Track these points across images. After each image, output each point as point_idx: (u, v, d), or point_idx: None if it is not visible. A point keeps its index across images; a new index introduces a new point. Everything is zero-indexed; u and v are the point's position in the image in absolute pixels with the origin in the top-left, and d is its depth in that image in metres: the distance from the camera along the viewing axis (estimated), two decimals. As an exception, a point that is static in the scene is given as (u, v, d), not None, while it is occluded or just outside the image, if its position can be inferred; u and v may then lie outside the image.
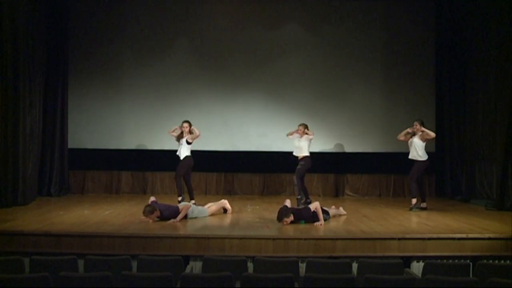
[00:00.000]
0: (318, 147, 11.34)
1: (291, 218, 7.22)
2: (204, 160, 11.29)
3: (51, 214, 7.91)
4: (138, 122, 11.31)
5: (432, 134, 8.98)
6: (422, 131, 8.91)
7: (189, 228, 7.03)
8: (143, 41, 11.41)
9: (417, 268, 6.07)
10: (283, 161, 10.84)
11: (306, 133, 9.48)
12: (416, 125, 8.98)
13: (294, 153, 9.61)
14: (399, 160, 8.78)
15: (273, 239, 6.34)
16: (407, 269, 5.72)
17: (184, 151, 9.19)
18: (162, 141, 11.31)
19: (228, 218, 7.96)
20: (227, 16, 11.53)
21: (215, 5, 11.52)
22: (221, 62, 11.48)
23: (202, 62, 11.49)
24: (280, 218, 7.24)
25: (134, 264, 5.29)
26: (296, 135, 9.60)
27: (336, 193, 11.36)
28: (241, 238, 6.31)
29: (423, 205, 8.96)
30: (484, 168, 9.95)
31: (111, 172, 11.40)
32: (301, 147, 9.50)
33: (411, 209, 8.79)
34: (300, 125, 9.59)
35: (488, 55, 9.75)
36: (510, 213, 8.28)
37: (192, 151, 10.70)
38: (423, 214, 8.49)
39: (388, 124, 11.42)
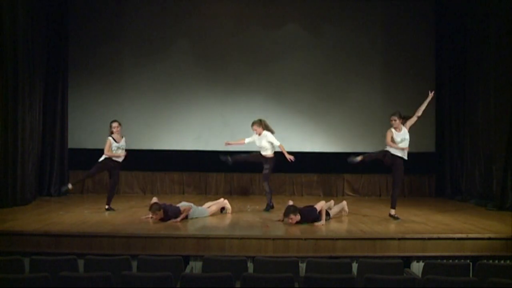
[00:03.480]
0: (318, 147, 11.36)
1: (298, 217, 7.18)
2: (204, 160, 11.30)
3: (51, 214, 7.91)
4: (138, 122, 11.29)
5: (415, 117, 7.88)
6: (405, 120, 7.86)
7: (189, 228, 7.03)
8: (143, 41, 11.41)
9: (417, 268, 6.08)
10: (283, 161, 10.85)
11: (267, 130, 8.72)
12: (396, 120, 7.77)
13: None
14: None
15: (273, 239, 6.34)
16: (407, 269, 5.73)
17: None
18: (162, 141, 11.34)
19: (228, 218, 7.96)
20: (227, 16, 11.52)
21: (215, 5, 11.51)
22: (221, 62, 11.47)
23: (202, 62, 11.48)
24: (286, 213, 7.18)
25: (134, 264, 5.29)
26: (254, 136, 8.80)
27: (336, 193, 11.33)
28: (241, 238, 6.32)
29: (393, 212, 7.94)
30: (484, 168, 9.94)
31: (111, 172, 11.39)
32: (264, 146, 8.72)
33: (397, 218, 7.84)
34: (254, 123, 8.71)
35: (488, 55, 9.74)
36: (510, 213, 8.29)
37: (191, 151, 10.71)
38: (423, 214, 8.48)
39: (388, 124, 11.39)
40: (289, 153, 8.67)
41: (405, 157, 7.75)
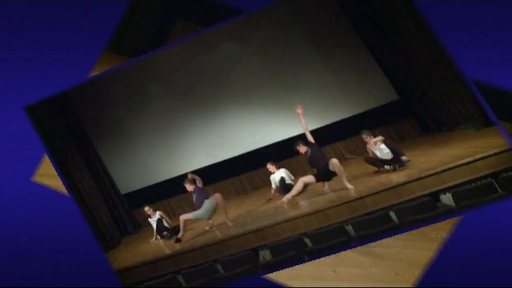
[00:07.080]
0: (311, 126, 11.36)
1: (305, 148, 7.83)
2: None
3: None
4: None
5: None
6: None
7: (242, 226, 7.38)
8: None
9: (447, 199, 6.16)
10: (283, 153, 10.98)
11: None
12: (368, 136, 8.18)
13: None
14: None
15: (314, 213, 6.77)
16: (439, 203, 5.99)
17: None
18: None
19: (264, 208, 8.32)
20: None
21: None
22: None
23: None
24: (297, 143, 7.90)
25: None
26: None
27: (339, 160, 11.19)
28: (287, 221, 6.77)
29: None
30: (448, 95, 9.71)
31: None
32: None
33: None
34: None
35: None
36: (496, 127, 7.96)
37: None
38: (422, 152, 8.46)
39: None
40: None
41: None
